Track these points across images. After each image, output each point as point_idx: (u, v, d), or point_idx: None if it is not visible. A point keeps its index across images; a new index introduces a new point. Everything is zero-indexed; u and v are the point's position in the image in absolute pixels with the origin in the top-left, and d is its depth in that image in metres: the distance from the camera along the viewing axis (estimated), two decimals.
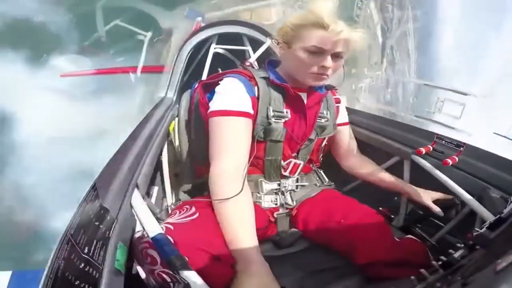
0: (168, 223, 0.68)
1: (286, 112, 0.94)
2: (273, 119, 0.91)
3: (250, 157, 0.85)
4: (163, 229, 0.63)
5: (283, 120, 0.93)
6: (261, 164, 0.96)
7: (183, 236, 0.63)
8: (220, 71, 1.04)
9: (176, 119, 1.21)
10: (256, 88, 0.91)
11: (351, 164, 1.16)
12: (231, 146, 0.81)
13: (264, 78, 0.94)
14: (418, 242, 0.86)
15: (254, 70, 0.97)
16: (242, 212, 0.74)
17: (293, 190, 1.02)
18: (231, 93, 0.87)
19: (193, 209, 0.75)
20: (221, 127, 0.83)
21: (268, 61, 1.02)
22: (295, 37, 0.84)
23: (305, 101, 0.97)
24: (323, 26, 0.78)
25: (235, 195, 0.73)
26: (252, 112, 0.87)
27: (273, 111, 0.91)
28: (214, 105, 0.87)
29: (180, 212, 0.75)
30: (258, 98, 0.90)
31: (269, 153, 0.95)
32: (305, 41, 0.82)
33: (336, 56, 0.83)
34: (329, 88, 1.04)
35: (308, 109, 0.97)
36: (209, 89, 0.97)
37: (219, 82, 0.92)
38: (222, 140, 0.82)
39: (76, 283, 0.43)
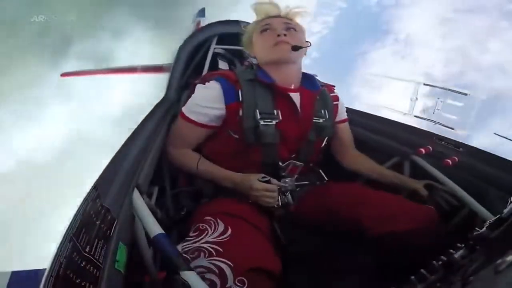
0: (209, 243, 0.67)
1: (276, 113, 0.92)
2: (261, 122, 0.89)
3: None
4: (206, 253, 0.64)
5: (273, 122, 0.91)
6: (258, 168, 0.95)
7: (237, 253, 0.65)
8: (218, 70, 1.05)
9: None
10: (239, 91, 0.92)
11: (350, 160, 1.17)
12: (178, 139, 1.02)
13: (251, 80, 0.94)
14: (429, 208, 0.88)
15: (242, 72, 0.97)
16: (206, 163, 0.96)
17: (294, 190, 1.02)
18: (201, 101, 0.96)
19: (221, 224, 0.74)
20: (177, 125, 1.01)
21: (257, 63, 1.02)
22: (252, 32, 1.01)
23: (299, 101, 0.97)
24: (257, 9, 1.00)
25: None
26: (211, 123, 0.96)
27: (260, 113, 0.90)
28: (186, 104, 1.00)
29: (210, 229, 0.73)
30: (242, 101, 0.90)
31: (265, 156, 0.94)
32: (258, 27, 0.99)
33: (288, 28, 0.96)
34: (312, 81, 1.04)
35: (302, 109, 0.96)
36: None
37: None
38: (174, 133, 1.03)
39: (78, 281, 0.43)
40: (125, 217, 0.63)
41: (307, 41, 1.00)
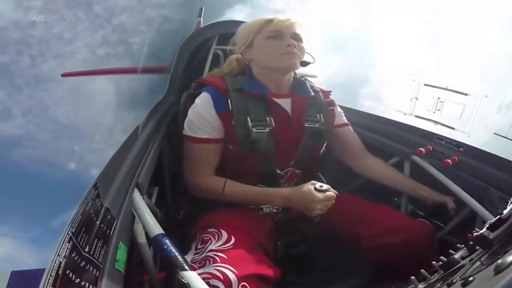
0: (213, 251, 0.68)
1: (269, 120, 0.91)
2: (253, 130, 0.88)
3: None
4: (211, 260, 0.65)
5: (267, 129, 0.90)
6: (256, 176, 0.93)
7: (241, 260, 0.67)
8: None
9: None
10: (229, 101, 0.89)
11: (363, 167, 1.13)
12: (196, 167, 0.95)
13: (240, 88, 0.92)
14: (425, 223, 0.90)
15: (231, 80, 0.95)
16: (234, 185, 0.89)
17: None
18: (198, 117, 0.91)
19: (225, 234, 0.75)
20: (188, 151, 0.95)
21: (249, 69, 0.99)
22: (254, 35, 0.95)
23: (290, 107, 0.95)
24: (271, 19, 0.94)
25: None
26: (216, 136, 0.92)
27: (251, 121, 0.88)
28: (185, 127, 0.94)
29: (214, 238, 0.75)
30: (232, 110, 0.89)
31: (262, 165, 0.92)
32: (265, 32, 0.93)
33: (296, 39, 0.92)
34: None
35: (294, 114, 0.95)
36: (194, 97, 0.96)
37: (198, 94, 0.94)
38: (189, 161, 0.96)
39: (77, 281, 0.43)
40: (125, 217, 0.63)
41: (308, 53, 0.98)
